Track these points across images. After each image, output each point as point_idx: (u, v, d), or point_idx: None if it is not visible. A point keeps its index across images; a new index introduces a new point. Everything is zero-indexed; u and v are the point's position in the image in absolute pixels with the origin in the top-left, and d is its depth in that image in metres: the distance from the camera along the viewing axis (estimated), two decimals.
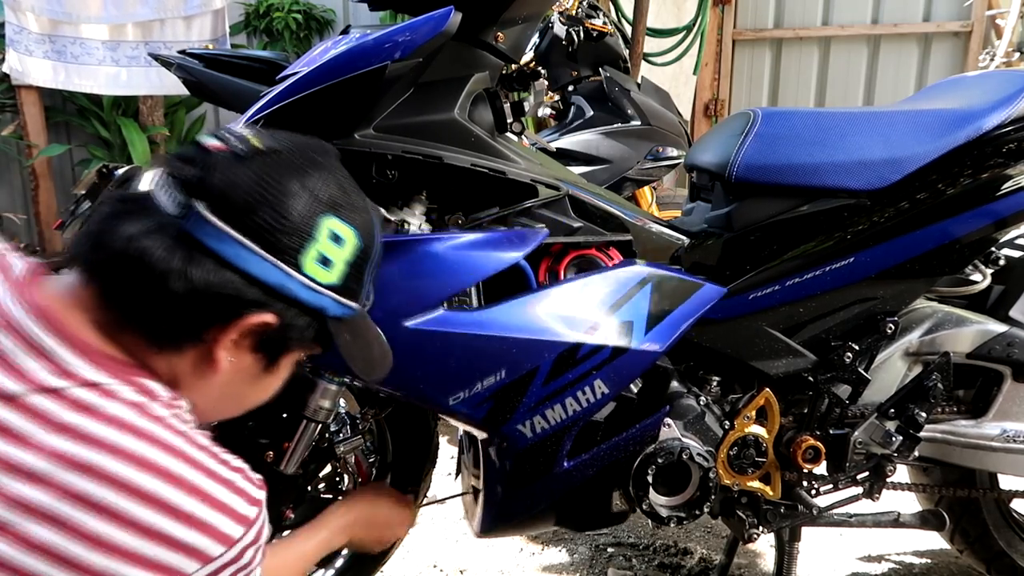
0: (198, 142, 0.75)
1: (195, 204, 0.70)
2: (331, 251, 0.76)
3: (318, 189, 0.75)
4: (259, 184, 0.72)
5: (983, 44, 4.35)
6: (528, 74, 1.36)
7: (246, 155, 0.73)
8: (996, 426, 1.39)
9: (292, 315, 0.76)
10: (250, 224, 0.71)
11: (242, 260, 0.72)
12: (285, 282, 0.74)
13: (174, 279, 0.70)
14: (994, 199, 1.27)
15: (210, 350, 0.75)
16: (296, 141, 0.77)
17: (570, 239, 1.19)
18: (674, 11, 4.39)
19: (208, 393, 0.79)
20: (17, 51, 4.07)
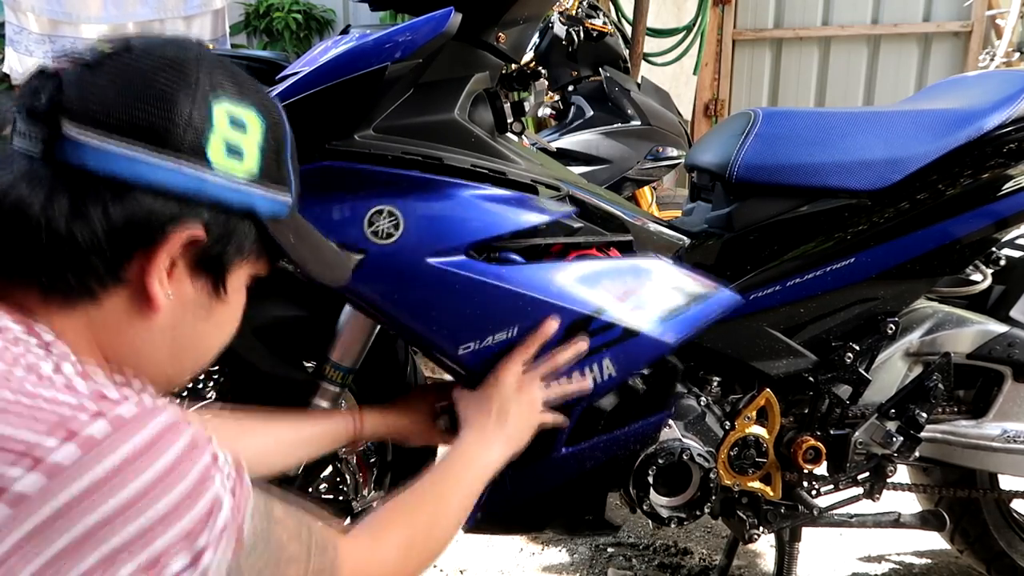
0: (40, 69, 0.64)
1: (60, 127, 0.59)
2: (237, 138, 0.66)
3: (197, 74, 0.64)
4: (125, 83, 0.61)
5: (983, 44, 4.36)
6: (528, 74, 1.36)
7: (96, 61, 0.62)
8: (996, 426, 1.39)
9: (221, 221, 0.66)
10: (133, 130, 0.61)
11: (139, 172, 0.61)
12: (198, 183, 0.63)
13: (68, 221, 0.60)
14: (995, 199, 1.27)
15: (140, 288, 0.64)
16: (150, 38, 0.66)
17: (570, 239, 1.19)
18: (674, 11, 4.39)
19: (154, 342, 0.68)
20: (17, 51, 4.07)
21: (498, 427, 1.07)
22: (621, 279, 1.18)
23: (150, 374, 0.70)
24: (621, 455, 1.24)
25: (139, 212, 0.61)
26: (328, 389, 1.24)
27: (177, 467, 0.56)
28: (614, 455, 1.23)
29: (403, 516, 0.89)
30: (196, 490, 0.56)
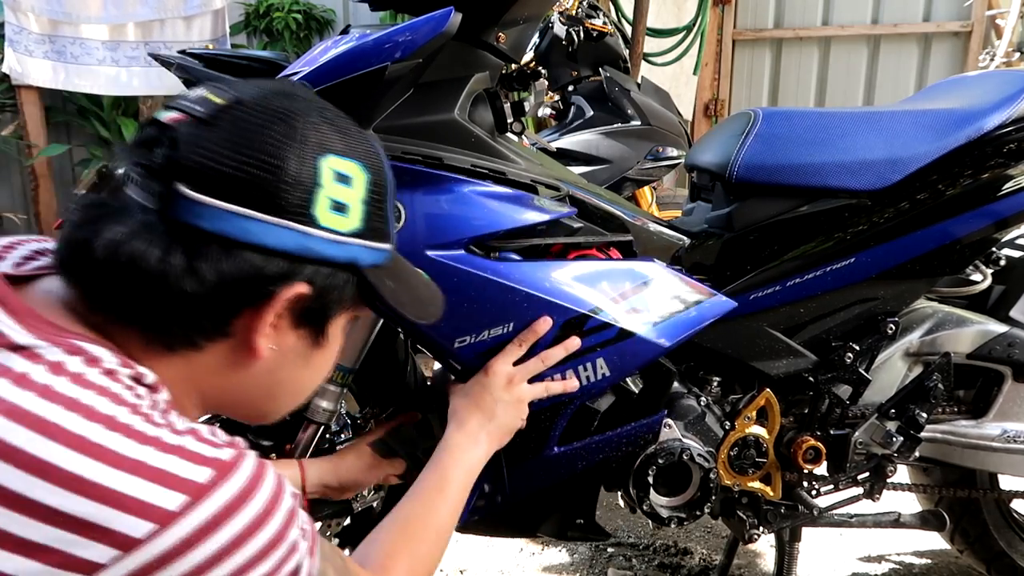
0: (154, 119, 0.65)
1: (175, 187, 0.61)
2: (342, 194, 0.67)
3: (304, 129, 0.66)
4: (237, 143, 0.63)
5: (983, 44, 4.36)
6: (528, 74, 1.36)
7: (209, 117, 0.63)
8: (996, 426, 1.39)
9: (325, 277, 0.68)
10: (243, 190, 0.62)
11: (250, 233, 0.63)
12: (305, 243, 0.65)
13: (180, 278, 0.62)
14: (995, 199, 1.27)
15: (244, 341, 0.66)
16: (261, 85, 0.68)
17: (570, 239, 1.19)
18: (674, 11, 4.39)
19: (253, 386, 0.71)
20: (17, 51, 4.07)
21: (484, 422, 1.08)
22: (617, 281, 1.18)
23: (243, 410, 0.75)
24: (613, 457, 1.24)
25: (248, 271, 0.63)
26: (328, 389, 1.24)
27: (269, 511, 0.61)
28: (606, 456, 1.23)
29: (405, 535, 0.91)
30: (281, 533, 0.62)
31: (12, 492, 0.54)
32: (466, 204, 1.11)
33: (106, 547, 0.54)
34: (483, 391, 1.10)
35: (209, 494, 0.58)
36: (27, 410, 0.55)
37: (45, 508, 0.54)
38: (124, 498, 0.55)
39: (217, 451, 0.60)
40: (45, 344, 0.59)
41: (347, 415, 1.40)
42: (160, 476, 0.56)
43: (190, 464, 0.58)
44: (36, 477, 0.54)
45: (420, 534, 0.92)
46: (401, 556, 0.88)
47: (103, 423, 0.57)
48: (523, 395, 1.12)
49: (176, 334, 0.65)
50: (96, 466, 0.55)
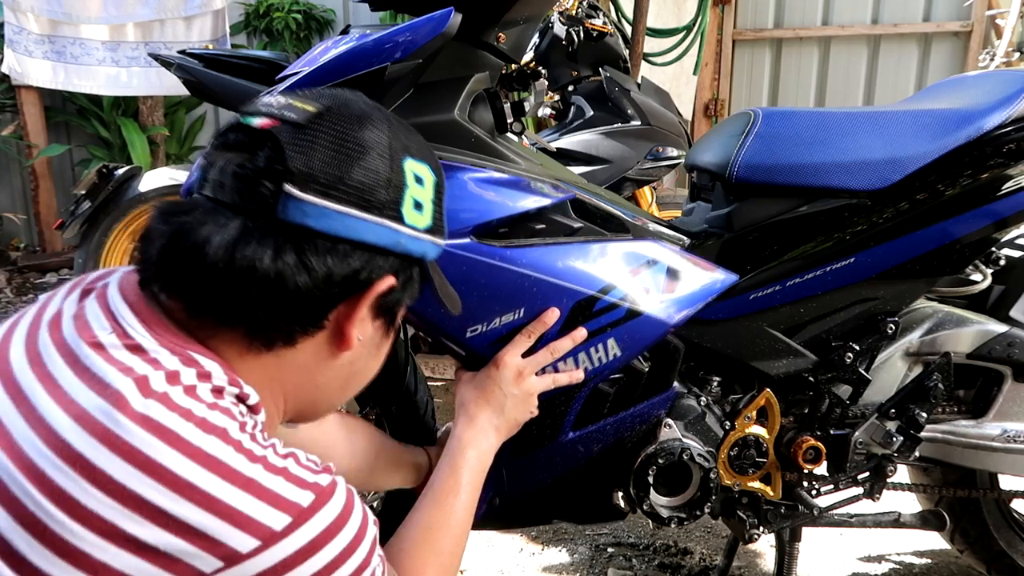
0: (243, 125, 0.69)
1: (284, 188, 0.65)
2: (419, 194, 0.73)
3: (387, 134, 0.71)
4: (336, 146, 0.67)
5: (983, 44, 4.36)
6: (528, 74, 1.36)
7: (307, 122, 0.67)
8: (996, 426, 1.38)
9: (405, 269, 0.74)
10: (346, 190, 0.67)
11: (354, 230, 0.67)
12: (397, 238, 0.71)
13: (293, 276, 0.65)
14: (994, 199, 1.27)
15: (334, 332, 0.72)
16: (334, 93, 0.73)
17: (570, 239, 1.19)
18: (674, 11, 4.39)
19: (334, 377, 0.76)
20: (17, 51, 4.07)
21: (493, 416, 1.09)
22: (623, 261, 1.19)
23: (319, 404, 0.79)
24: (627, 437, 1.24)
25: (353, 265, 0.69)
26: None
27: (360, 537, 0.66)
28: (620, 437, 1.24)
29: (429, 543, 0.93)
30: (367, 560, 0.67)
31: (130, 491, 0.57)
32: (468, 193, 1.11)
33: (212, 558, 0.58)
34: (493, 384, 1.10)
35: (311, 517, 0.62)
36: (148, 415, 0.58)
37: (159, 511, 0.57)
38: (235, 512, 0.58)
39: (317, 476, 0.65)
40: (164, 351, 0.63)
41: None
42: (268, 495, 0.60)
43: (294, 487, 0.62)
44: (153, 480, 0.57)
45: (443, 540, 0.94)
46: (429, 564, 0.90)
47: (218, 436, 0.60)
48: (532, 388, 1.12)
49: (280, 330, 0.69)
50: (211, 477, 0.58)
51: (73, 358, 0.62)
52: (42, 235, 4.70)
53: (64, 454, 0.57)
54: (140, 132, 4.37)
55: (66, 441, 0.57)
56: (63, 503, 0.56)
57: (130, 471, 0.56)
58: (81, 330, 0.64)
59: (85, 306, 0.68)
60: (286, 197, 0.65)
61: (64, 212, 2.74)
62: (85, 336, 0.63)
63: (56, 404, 0.59)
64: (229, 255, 0.64)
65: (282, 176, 0.65)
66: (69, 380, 0.60)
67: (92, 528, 0.56)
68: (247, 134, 0.68)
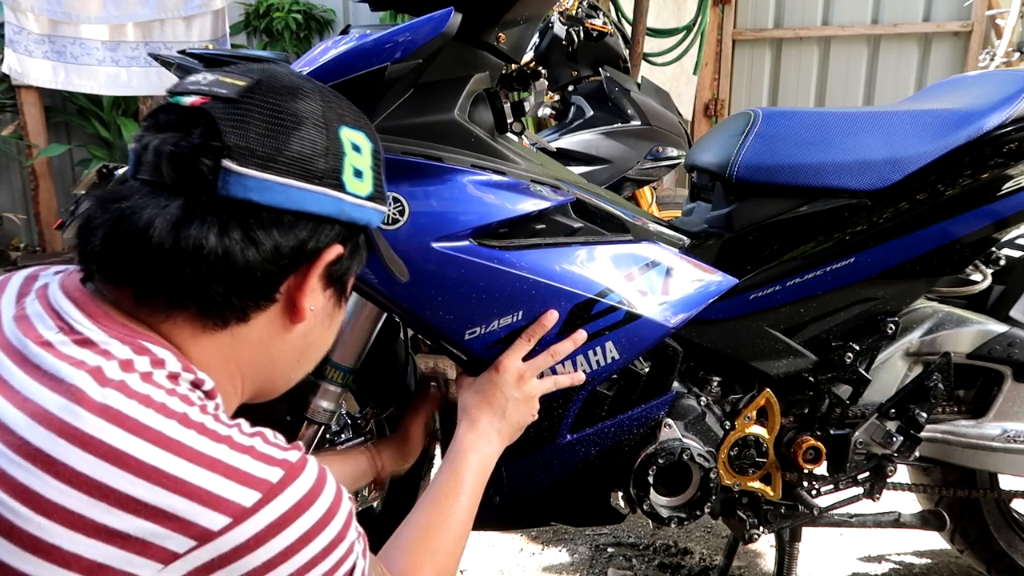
0: (174, 105, 0.67)
1: (223, 165, 0.64)
2: (358, 161, 0.73)
3: (319, 103, 0.71)
4: (271, 119, 0.67)
5: (983, 44, 4.36)
6: (528, 74, 1.36)
7: (237, 96, 0.67)
8: (996, 426, 1.39)
9: (352, 236, 0.74)
10: (285, 161, 0.67)
11: (297, 201, 0.68)
12: (340, 206, 0.71)
13: (241, 251, 0.65)
14: (994, 199, 1.27)
15: (287, 304, 0.72)
16: (262, 68, 0.72)
17: (570, 239, 1.19)
18: (674, 11, 4.39)
19: (288, 350, 0.76)
20: (17, 51, 4.07)
21: (495, 420, 1.09)
22: (623, 264, 1.19)
23: (276, 380, 0.79)
24: (625, 440, 1.24)
25: (300, 236, 0.69)
26: (328, 389, 1.25)
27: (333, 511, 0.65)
28: (618, 440, 1.24)
29: (426, 543, 0.93)
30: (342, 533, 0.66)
31: (94, 480, 0.56)
32: (469, 195, 1.11)
33: (184, 537, 0.57)
34: (494, 388, 1.10)
35: (280, 492, 0.62)
36: (107, 405, 0.58)
37: (126, 497, 0.57)
38: (203, 492, 0.58)
39: (285, 453, 0.64)
40: (115, 341, 0.63)
41: (347, 415, 1.40)
42: (236, 474, 0.60)
43: (262, 464, 0.62)
44: (118, 468, 0.57)
45: (440, 541, 0.94)
46: (425, 564, 0.90)
47: (178, 420, 0.60)
48: (533, 391, 1.12)
49: (232, 306, 0.68)
50: (176, 460, 0.58)
51: (21, 358, 0.61)
52: (42, 235, 4.70)
53: (23, 451, 0.56)
54: None
55: (24, 439, 0.57)
56: (27, 499, 0.56)
57: (93, 461, 0.56)
58: (26, 331, 0.64)
59: (25, 306, 0.67)
60: (226, 172, 0.64)
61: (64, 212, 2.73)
62: (31, 336, 0.63)
63: (10, 404, 0.59)
64: (174, 236, 0.63)
65: (219, 152, 0.64)
66: (21, 380, 0.60)
67: (59, 521, 0.56)
68: (179, 113, 0.66)
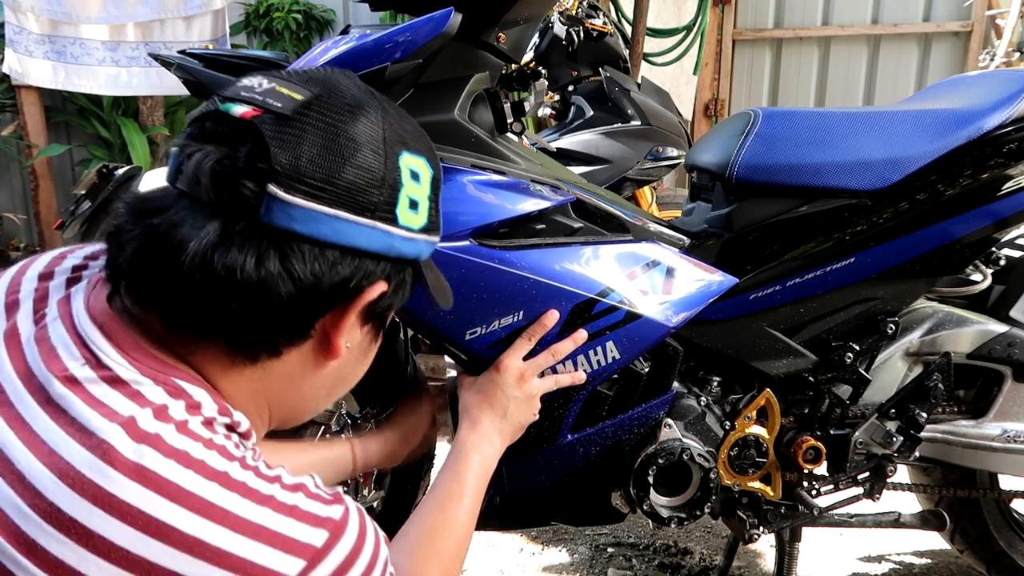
0: (221, 113, 0.61)
1: (268, 189, 0.58)
2: (415, 191, 0.66)
3: (381, 125, 0.64)
4: (326, 141, 0.60)
5: (983, 44, 4.36)
6: (528, 74, 1.36)
7: (293, 113, 0.60)
8: (996, 426, 1.38)
9: (398, 272, 0.68)
10: (336, 191, 0.60)
11: (344, 235, 0.61)
12: (390, 241, 0.64)
13: (277, 285, 0.59)
14: (995, 199, 1.27)
15: (323, 341, 0.66)
16: (324, 78, 0.65)
17: (570, 239, 1.19)
18: (674, 11, 4.39)
19: (320, 385, 0.71)
20: (17, 51, 4.07)
21: (496, 420, 1.07)
22: (623, 263, 1.19)
23: (304, 412, 0.75)
24: (626, 440, 1.24)
25: (342, 273, 0.63)
26: None
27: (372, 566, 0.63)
28: (619, 440, 1.24)
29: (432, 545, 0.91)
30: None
31: (135, 556, 0.53)
32: (468, 195, 1.11)
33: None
34: (495, 388, 1.08)
35: (326, 557, 0.59)
36: (143, 466, 0.54)
37: (169, 573, 0.53)
38: (247, 564, 0.55)
39: (328, 509, 0.61)
40: (147, 381, 0.58)
41: (347, 415, 1.40)
42: (280, 541, 0.57)
43: (306, 527, 0.59)
44: (158, 541, 0.53)
45: (445, 543, 0.92)
46: (431, 567, 0.89)
47: (220, 483, 0.56)
48: (534, 390, 1.11)
49: (264, 341, 0.63)
50: (220, 531, 0.55)
51: (44, 396, 0.56)
52: (42, 235, 4.70)
53: (55, 520, 0.52)
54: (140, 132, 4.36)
55: (55, 505, 0.52)
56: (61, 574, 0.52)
57: (132, 534, 0.52)
58: (48, 360, 0.58)
59: (48, 327, 0.62)
60: (270, 199, 0.58)
61: (64, 212, 2.73)
62: (55, 368, 0.58)
63: (34, 456, 0.54)
64: (207, 262, 0.58)
65: (266, 175, 0.58)
66: (45, 426, 0.55)
67: None
68: (226, 123, 0.60)
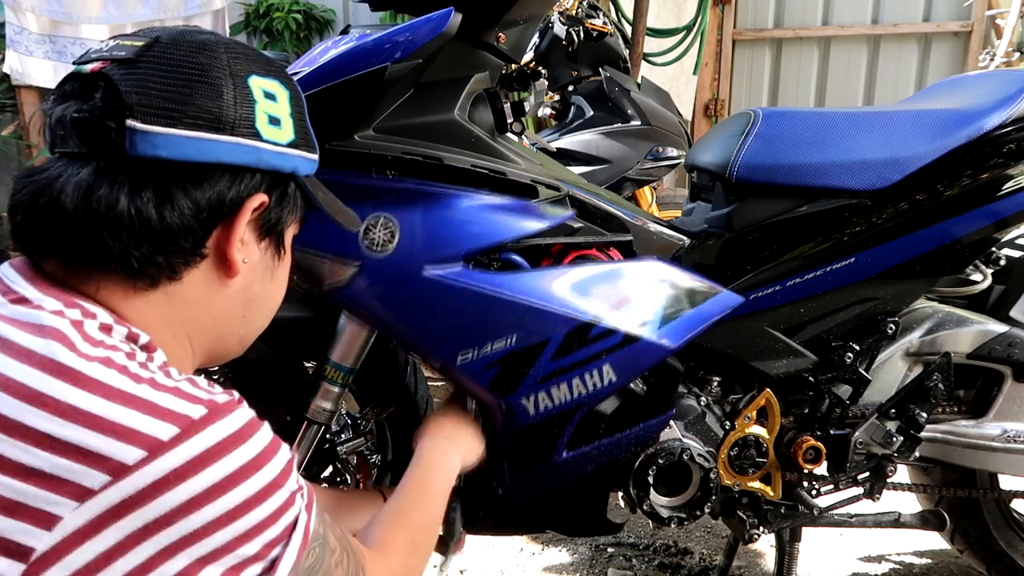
0: (77, 74, 0.67)
1: (127, 125, 0.63)
2: (273, 109, 0.72)
3: (225, 55, 0.70)
4: (172, 74, 0.66)
5: (983, 44, 4.36)
6: (528, 74, 1.36)
7: (135, 56, 0.66)
8: (996, 426, 1.39)
9: (277, 185, 0.73)
10: (192, 114, 0.66)
11: (209, 153, 0.67)
12: (257, 155, 0.70)
13: (155, 211, 0.65)
14: (995, 199, 1.27)
15: (218, 259, 0.71)
16: (167, 28, 0.71)
17: (570, 239, 1.19)
18: (674, 11, 4.39)
19: (230, 307, 0.75)
20: (17, 51, 4.07)
21: (450, 445, 1.11)
22: (620, 284, 1.17)
23: (226, 338, 0.78)
24: (622, 457, 1.24)
25: (217, 189, 0.68)
26: (328, 389, 1.25)
27: (266, 455, 0.63)
28: (615, 458, 1.23)
29: (398, 521, 0.95)
30: (278, 480, 0.64)
31: (10, 420, 0.57)
32: (461, 216, 1.10)
33: (98, 472, 0.56)
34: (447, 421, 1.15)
35: (203, 429, 0.60)
36: (31, 349, 0.59)
37: (40, 434, 0.57)
38: (117, 426, 0.57)
39: (213, 395, 0.63)
40: (49, 299, 0.63)
41: (347, 415, 1.40)
42: (153, 409, 0.59)
43: (184, 401, 0.61)
44: (33, 406, 0.57)
45: (412, 520, 0.96)
46: (397, 537, 0.92)
47: (100, 361, 0.60)
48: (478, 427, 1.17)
49: (159, 265, 0.67)
50: (91, 398, 0.58)
51: None
52: None
53: None
54: None
55: None
56: None
57: (10, 401, 0.57)
58: None
59: None
60: (131, 132, 0.63)
61: None
62: None
63: None
64: (85, 201, 0.63)
65: (122, 112, 0.64)
66: None
67: None
68: (81, 80, 0.66)
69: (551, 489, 1.23)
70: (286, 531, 0.65)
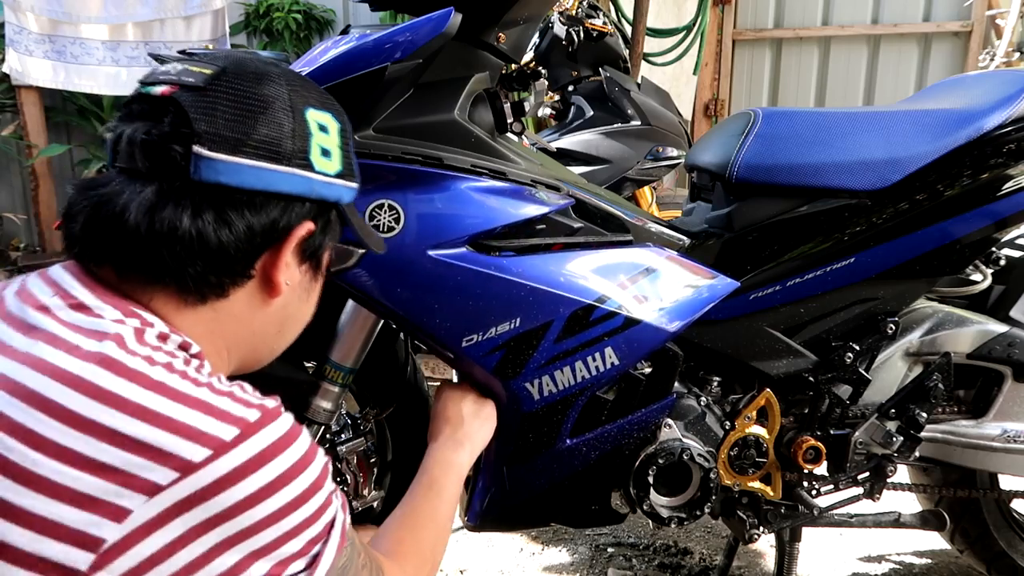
0: (144, 95, 0.71)
1: (194, 151, 0.68)
2: (325, 141, 0.77)
3: (285, 88, 0.74)
4: (237, 104, 0.71)
5: (983, 44, 4.36)
6: (528, 74, 1.35)
7: (205, 84, 0.71)
8: (996, 426, 1.39)
9: (323, 213, 0.78)
10: (254, 145, 0.71)
11: (267, 182, 0.71)
12: (310, 185, 0.75)
13: (214, 232, 0.69)
14: (995, 199, 1.27)
15: (263, 280, 0.76)
16: (228, 54, 0.76)
17: (570, 239, 1.19)
18: (674, 11, 4.39)
19: (269, 323, 0.80)
20: (17, 51, 4.07)
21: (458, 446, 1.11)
22: (621, 269, 1.19)
23: (259, 351, 0.83)
24: (625, 444, 1.24)
25: (271, 215, 0.73)
26: (329, 389, 1.25)
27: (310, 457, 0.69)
28: (618, 444, 1.24)
29: (409, 528, 0.98)
30: (318, 482, 0.69)
31: (83, 416, 0.60)
32: (464, 202, 1.11)
33: (167, 469, 0.60)
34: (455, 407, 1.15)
35: (258, 431, 0.65)
36: (102, 352, 0.63)
37: (113, 431, 0.60)
38: (185, 427, 0.62)
39: (262, 400, 0.68)
40: (107, 307, 0.68)
41: (347, 415, 1.40)
42: (214, 411, 0.64)
43: (240, 405, 0.66)
44: (106, 405, 0.61)
45: (422, 526, 0.98)
46: (408, 543, 0.95)
47: (163, 367, 0.65)
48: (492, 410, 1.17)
49: (210, 283, 0.72)
50: (160, 399, 0.62)
51: (20, 323, 0.66)
52: (42, 235, 4.70)
53: (19, 394, 0.61)
54: None
55: (20, 383, 0.61)
56: (20, 435, 0.60)
57: (83, 400, 0.60)
58: (25, 299, 0.69)
59: (27, 282, 0.72)
60: (197, 158, 0.68)
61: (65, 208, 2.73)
62: (30, 303, 0.68)
63: (11, 360, 0.63)
64: (149, 219, 0.68)
65: (190, 139, 0.68)
66: (20, 341, 0.65)
67: (50, 454, 0.59)
68: (149, 103, 0.71)
69: (556, 479, 1.24)
70: (326, 529, 0.70)
